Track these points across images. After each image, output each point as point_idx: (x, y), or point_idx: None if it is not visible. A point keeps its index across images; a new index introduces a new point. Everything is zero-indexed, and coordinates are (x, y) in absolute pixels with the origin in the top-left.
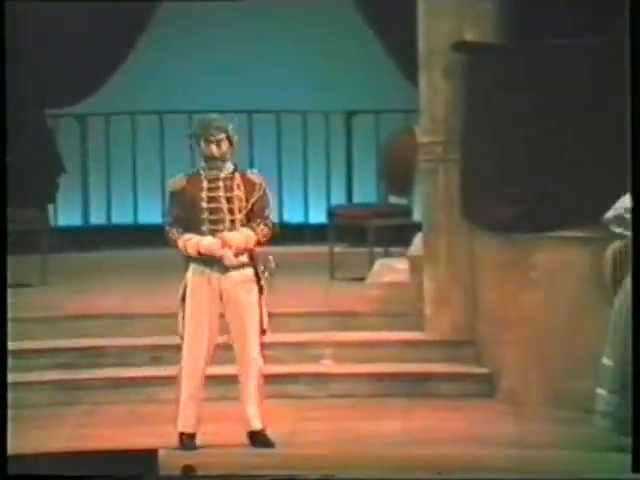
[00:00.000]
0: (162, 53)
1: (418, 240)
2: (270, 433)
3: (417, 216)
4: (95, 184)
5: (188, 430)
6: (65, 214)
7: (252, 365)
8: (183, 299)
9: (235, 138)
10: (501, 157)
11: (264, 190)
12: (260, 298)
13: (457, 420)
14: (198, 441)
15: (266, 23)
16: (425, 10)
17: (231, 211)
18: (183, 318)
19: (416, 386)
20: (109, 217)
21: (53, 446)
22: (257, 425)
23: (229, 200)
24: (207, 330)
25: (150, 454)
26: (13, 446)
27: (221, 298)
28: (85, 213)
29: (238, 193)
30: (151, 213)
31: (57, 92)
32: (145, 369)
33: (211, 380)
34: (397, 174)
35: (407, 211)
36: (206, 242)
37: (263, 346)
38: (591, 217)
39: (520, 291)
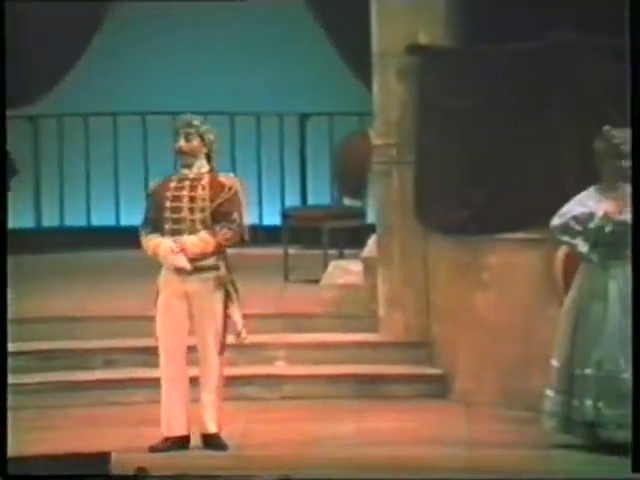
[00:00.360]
0: (114, 55)
1: (372, 242)
2: (223, 435)
3: (371, 218)
4: (47, 186)
5: (173, 434)
6: (17, 216)
7: (209, 369)
8: (156, 301)
9: (209, 137)
10: (454, 160)
11: (234, 193)
12: (226, 302)
13: (410, 421)
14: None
15: (219, 24)
16: (378, 12)
17: (192, 211)
18: (157, 320)
19: (370, 387)
20: (62, 219)
21: None
22: (212, 429)
23: (192, 199)
24: (177, 332)
25: (102, 457)
26: None
27: (189, 300)
28: (37, 215)
29: (202, 193)
30: (105, 215)
31: (9, 93)
32: (98, 372)
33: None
34: (351, 176)
35: (361, 213)
36: (162, 247)
37: (223, 349)
38: (542, 219)
39: (473, 293)
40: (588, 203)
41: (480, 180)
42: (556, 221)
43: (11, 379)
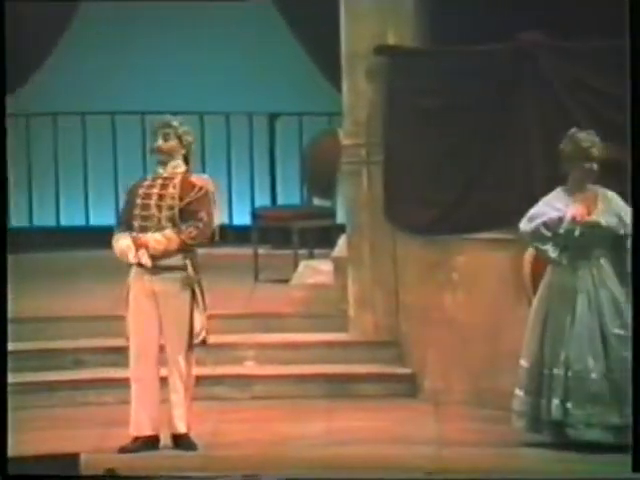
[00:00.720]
0: (83, 54)
1: (342, 242)
2: (193, 435)
3: (341, 218)
4: (16, 186)
5: (143, 434)
6: None
7: (177, 369)
8: (127, 300)
9: (187, 138)
10: (422, 160)
11: (204, 193)
12: (193, 302)
13: (380, 420)
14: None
15: (189, 24)
16: (347, 13)
17: (160, 208)
18: (128, 320)
19: (340, 387)
20: (31, 220)
21: None
22: (181, 429)
23: (160, 197)
24: (147, 331)
25: (72, 458)
26: None
27: (157, 299)
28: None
29: (172, 192)
30: (74, 215)
31: None
32: (68, 373)
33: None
34: (321, 176)
35: (331, 213)
36: (118, 244)
37: (191, 349)
38: (511, 220)
39: (442, 292)
40: (557, 205)
41: (449, 180)
42: (526, 226)
43: None
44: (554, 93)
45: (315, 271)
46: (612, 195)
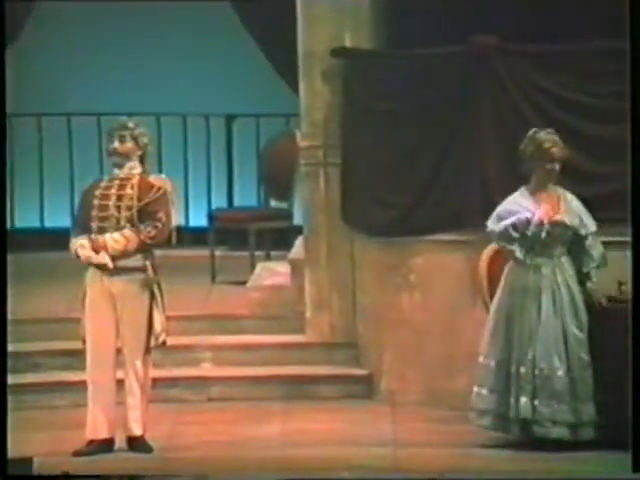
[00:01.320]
0: (38, 55)
1: (299, 243)
2: (149, 437)
3: (298, 220)
4: None
5: (98, 437)
6: None
7: (134, 372)
8: (83, 302)
9: (143, 140)
10: (379, 161)
11: (162, 194)
12: (151, 304)
13: (336, 421)
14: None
15: (146, 25)
16: (304, 15)
17: (118, 209)
18: (84, 322)
19: (296, 388)
20: None
21: None
22: (137, 431)
23: (119, 198)
24: (105, 334)
25: (25, 462)
26: None
27: (114, 301)
28: None
29: (130, 192)
30: (28, 217)
31: None
32: (21, 376)
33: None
34: (278, 178)
35: (288, 215)
36: (76, 245)
37: (149, 351)
38: (466, 221)
39: (398, 293)
40: (524, 205)
41: (405, 182)
42: (494, 226)
43: None
44: (508, 95)
45: (272, 273)
46: (571, 196)
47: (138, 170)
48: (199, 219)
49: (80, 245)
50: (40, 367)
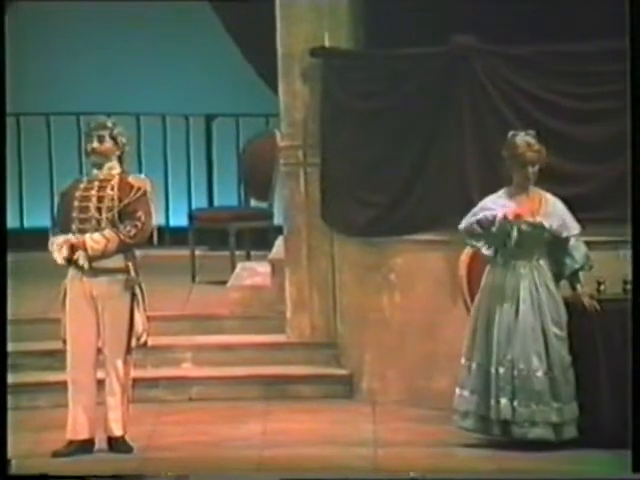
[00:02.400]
0: (17, 55)
1: (279, 243)
2: (130, 437)
3: (278, 220)
4: None
5: (78, 437)
6: None
7: (114, 372)
8: (63, 303)
9: (122, 139)
10: (358, 161)
11: (142, 194)
12: (133, 305)
13: (317, 421)
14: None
15: (127, 25)
16: (283, 15)
17: (99, 210)
18: (65, 322)
19: (277, 388)
20: None
21: None
22: (117, 431)
23: (99, 199)
24: (85, 335)
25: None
26: None
27: (95, 302)
28: None
29: (110, 193)
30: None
31: None
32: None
33: None
34: (258, 178)
35: (268, 214)
36: (53, 245)
37: (129, 352)
38: (446, 221)
39: (379, 293)
40: (495, 205)
41: (384, 182)
42: (462, 224)
43: None
44: (487, 95)
45: (252, 272)
46: (553, 198)
47: (117, 170)
48: (179, 219)
49: (57, 245)
50: (19, 367)
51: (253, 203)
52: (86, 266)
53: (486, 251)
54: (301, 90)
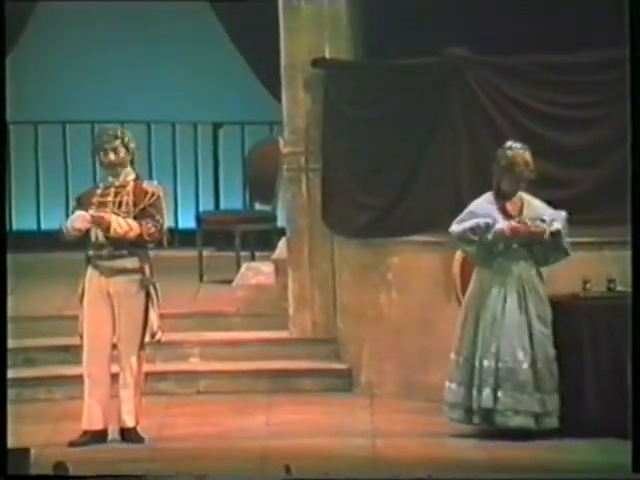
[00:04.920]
0: (32, 62)
1: (282, 244)
2: (140, 428)
3: (281, 222)
4: None
5: (93, 428)
6: None
7: (128, 366)
8: (81, 300)
9: (132, 145)
10: (357, 167)
11: (156, 198)
12: (147, 303)
13: (318, 413)
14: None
15: (134, 33)
16: (286, 27)
17: (117, 215)
18: (82, 319)
19: (280, 382)
20: None
21: None
22: (129, 423)
23: (117, 205)
24: (101, 331)
25: (22, 452)
26: None
27: (111, 300)
28: None
29: (127, 199)
30: (26, 219)
31: None
32: (19, 370)
33: None
34: (262, 182)
35: (272, 217)
36: (78, 216)
37: (143, 347)
38: (440, 223)
39: (377, 292)
40: (486, 211)
41: (381, 186)
42: (454, 228)
43: None
44: (479, 104)
45: (257, 272)
46: (535, 201)
47: (132, 176)
48: (187, 221)
49: (80, 216)
50: (36, 362)
51: (257, 206)
52: (100, 238)
53: (477, 256)
54: (303, 99)
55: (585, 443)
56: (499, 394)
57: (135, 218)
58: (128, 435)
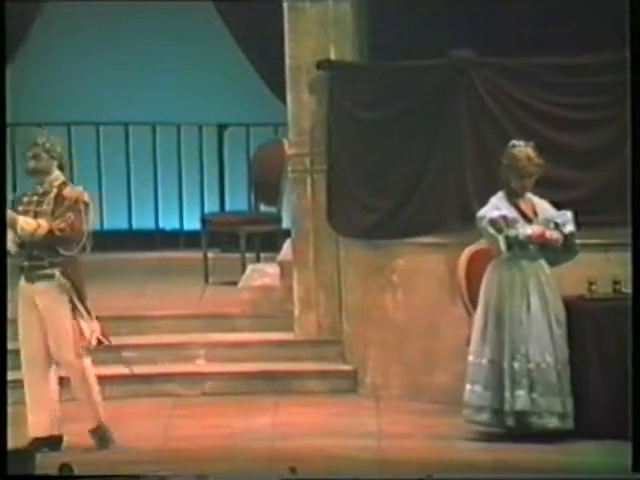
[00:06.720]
0: (41, 65)
1: (287, 246)
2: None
3: (286, 223)
4: None
5: (39, 434)
6: None
7: (69, 372)
8: (16, 305)
9: (56, 150)
10: (363, 168)
11: (74, 202)
12: (74, 312)
13: (323, 415)
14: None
15: (141, 35)
16: (291, 29)
17: None
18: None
19: (285, 383)
20: None
21: None
22: (91, 425)
23: (36, 215)
24: (33, 337)
25: (28, 454)
26: None
27: (38, 308)
28: None
29: (45, 208)
30: None
31: None
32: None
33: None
34: (267, 184)
35: (277, 219)
36: None
37: (80, 352)
38: (445, 224)
39: (382, 293)
40: (506, 206)
41: (387, 187)
42: (488, 213)
43: None
44: (485, 106)
45: (262, 274)
46: (543, 202)
47: (60, 180)
48: (193, 223)
49: None
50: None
51: (262, 208)
52: (12, 250)
53: (502, 246)
54: (308, 100)
55: (591, 445)
56: (534, 396)
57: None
58: (95, 436)
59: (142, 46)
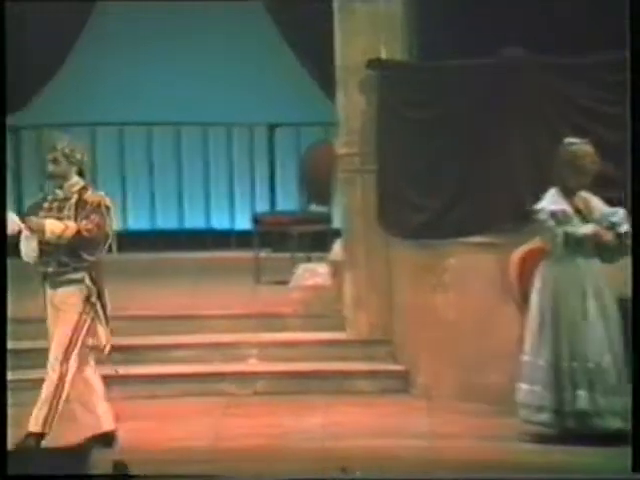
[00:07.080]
0: (91, 65)
1: (338, 246)
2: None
3: (337, 223)
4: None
5: (93, 433)
6: None
7: (50, 372)
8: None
9: (76, 156)
10: (413, 168)
11: (97, 205)
12: (82, 315)
13: (374, 415)
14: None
15: (191, 38)
16: (341, 29)
17: None
18: None
19: (336, 383)
20: None
21: None
22: (35, 428)
23: (58, 220)
24: (51, 338)
25: (84, 451)
26: None
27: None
28: None
29: (67, 213)
30: None
31: None
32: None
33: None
34: (318, 184)
35: (327, 218)
36: (11, 219)
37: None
38: (496, 224)
39: (433, 293)
40: (563, 203)
41: (438, 187)
42: (549, 205)
43: None
44: (536, 105)
45: (313, 273)
46: (594, 199)
47: (79, 186)
48: (244, 223)
49: (12, 219)
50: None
51: (313, 207)
52: (34, 254)
53: (560, 240)
54: (358, 100)
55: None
56: (596, 396)
57: None
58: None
59: (193, 47)
